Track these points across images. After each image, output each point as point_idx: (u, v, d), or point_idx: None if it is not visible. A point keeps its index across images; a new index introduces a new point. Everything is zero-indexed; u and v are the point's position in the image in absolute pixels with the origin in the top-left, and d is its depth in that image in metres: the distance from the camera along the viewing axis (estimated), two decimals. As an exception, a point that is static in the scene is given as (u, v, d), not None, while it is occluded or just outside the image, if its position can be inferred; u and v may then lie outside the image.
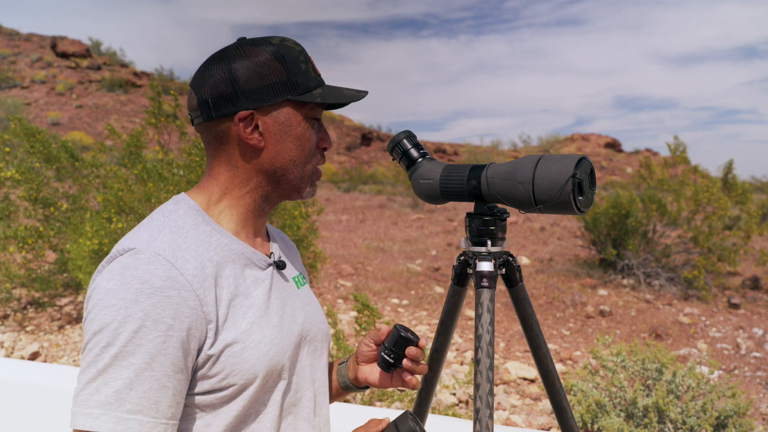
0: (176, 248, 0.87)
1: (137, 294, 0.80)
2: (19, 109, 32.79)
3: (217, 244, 0.92)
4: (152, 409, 0.80)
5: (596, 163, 42.11)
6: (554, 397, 1.22)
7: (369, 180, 29.28)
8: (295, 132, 0.94)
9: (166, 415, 0.82)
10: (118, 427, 0.77)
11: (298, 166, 0.96)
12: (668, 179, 8.72)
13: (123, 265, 0.83)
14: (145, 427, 0.79)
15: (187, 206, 0.95)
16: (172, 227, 0.90)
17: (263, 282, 0.97)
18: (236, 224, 0.97)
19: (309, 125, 0.96)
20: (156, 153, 6.14)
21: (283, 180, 0.97)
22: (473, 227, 1.07)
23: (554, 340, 5.82)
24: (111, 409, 0.78)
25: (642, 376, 3.37)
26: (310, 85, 0.94)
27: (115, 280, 0.81)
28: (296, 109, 0.94)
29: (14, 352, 4.86)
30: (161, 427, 0.81)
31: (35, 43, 50.02)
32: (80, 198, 5.82)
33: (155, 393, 0.80)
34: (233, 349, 0.87)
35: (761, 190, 24.78)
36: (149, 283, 0.81)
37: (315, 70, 0.97)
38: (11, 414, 2.28)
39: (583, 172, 0.95)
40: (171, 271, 0.83)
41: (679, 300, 7.39)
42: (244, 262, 0.95)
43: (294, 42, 0.97)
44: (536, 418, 3.96)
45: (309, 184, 1.00)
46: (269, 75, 0.91)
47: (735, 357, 5.61)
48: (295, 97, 0.92)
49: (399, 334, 1.05)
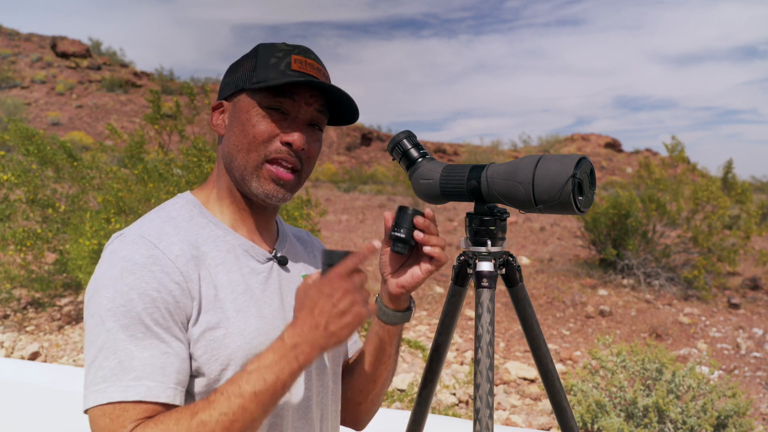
0: (162, 233, 0.90)
1: (122, 271, 0.83)
2: (19, 109, 32.79)
3: (209, 235, 0.95)
4: (158, 374, 0.81)
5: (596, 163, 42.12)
6: (554, 397, 1.22)
7: (369, 180, 29.30)
8: (242, 117, 0.95)
9: (173, 381, 0.82)
10: (126, 393, 0.78)
11: (241, 152, 0.95)
12: (666, 179, 8.72)
13: (110, 250, 0.88)
14: (153, 391, 0.79)
15: (185, 200, 0.99)
16: (164, 217, 0.94)
17: (259, 275, 0.97)
18: (232, 218, 1.00)
19: (264, 113, 0.94)
20: (156, 153, 6.14)
21: (231, 167, 0.97)
22: (473, 227, 1.07)
23: (554, 340, 5.82)
24: (116, 380, 0.79)
25: (642, 376, 3.37)
26: (269, 76, 0.93)
27: (104, 264, 0.87)
28: (250, 97, 0.95)
29: (14, 352, 4.86)
30: (170, 392, 0.81)
31: (35, 43, 50.02)
32: (79, 198, 5.82)
33: (158, 359, 0.81)
34: (215, 334, 0.88)
35: (761, 190, 24.79)
36: (132, 260, 0.84)
37: (292, 66, 0.94)
38: (11, 414, 2.27)
39: (583, 172, 0.95)
40: (153, 250, 0.86)
41: (679, 300, 7.39)
42: (238, 253, 0.96)
43: (292, 45, 0.97)
44: (536, 418, 3.96)
45: (254, 177, 0.95)
46: (239, 70, 0.98)
47: (735, 357, 5.61)
48: (247, 86, 0.95)
49: (403, 209, 0.98)
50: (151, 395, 0.79)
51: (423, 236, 0.97)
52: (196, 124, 7.42)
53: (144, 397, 0.79)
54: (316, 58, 0.99)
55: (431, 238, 0.97)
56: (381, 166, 38.84)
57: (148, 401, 0.79)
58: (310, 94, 0.96)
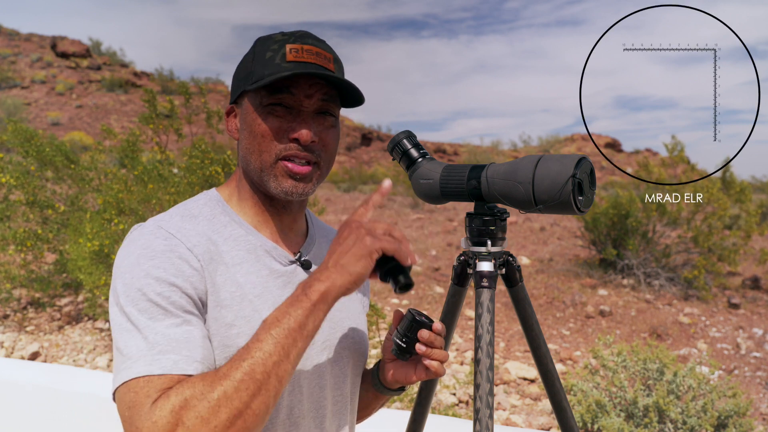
0: (181, 227, 0.90)
1: (139, 257, 0.84)
2: (19, 109, 32.77)
3: (230, 234, 0.94)
4: (184, 348, 0.79)
5: (596, 163, 42.02)
6: (554, 397, 1.22)
7: (369, 180, 29.27)
8: (248, 120, 0.94)
9: (199, 355, 0.80)
10: (151, 367, 0.76)
11: (254, 154, 0.93)
12: (666, 179, 8.71)
13: (130, 239, 0.89)
14: (180, 364, 0.77)
15: (208, 197, 0.98)
16: (185, 214, 0.93)
17: (279, 277, 0.96)
18: (255, 218, 0.98)
19: (266, 112, 0.91)
20: (153, 153, 6.14)
21: (248, 171, 0.96)
22: (473, 227, 1.07)
23: (554, 340, 5.82)
24: (141, 356, 0.77)
25: (642, 376, 3.37)
26: (264, 73, 0.90)
27: (123, 253, 0.87)
28: (251, 99, 0.94)
29: (14, 352, 4.86)
30: (197, 365, 0.79)
31: (35, 43, 50.00)
32: (78, 199, 5.82)
33: (182, 335, 0.79)
34: (230, 331, 0.87)
35: (761, 190, 24.77)
36: (150, 248, 0.84)
37: (286, 56, 0.90)
38: (11, 414, 2.27)
39: (583, 172, 0.95)
40: (171, 240, 0.86)
41: (679, 300, 7.39)
42: (259, 254, 0.95)
43: (289, 33, 0.94)
44: (536, 418, 3.96)
45: (272, 177, 0.92)
46: (241, 70, 0.96)
47: (735, 357, 5.61)
48: (247, 87, 0.93)
49: (411, 317, 0.98)
50: (177, 368, 0.77)
51: (425, 350, 0.97)
52: (194, 124, 7.42)
53: (170, 370, 0.76)
54: (315, 41, 0.94)
55: (433, 352, 0.97)
56: (381, 166, 38.82)
57: (175, 374, 0.76)
58: (308, 85, 0.91)
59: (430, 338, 0.96)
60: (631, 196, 8.18)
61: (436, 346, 0.97)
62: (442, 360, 0.98)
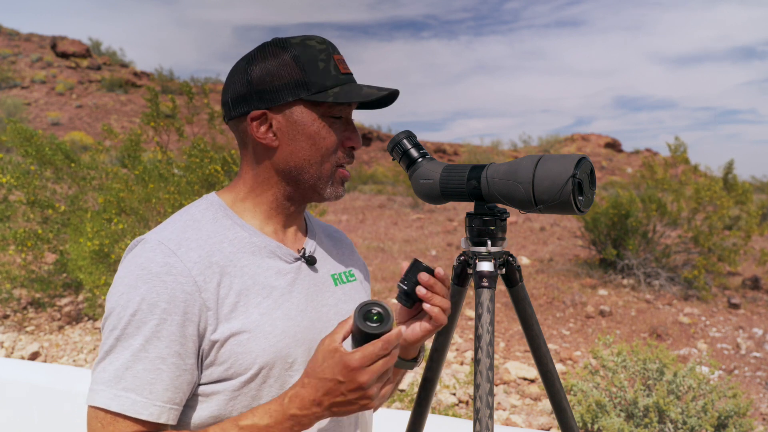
0: (183, 238, 0.90)
1: (137, 279, 0.85)
2: (19, 109, 32.78)
3: (234, 237, 0.94)
4: (146, 390, 0.82)
5: (596, 163, 42.14)
6: (554, 397, 1.22)
7: (369, 180, 29.23)
8: (309, 131, 0.94)
9: (162, 398, 0.83)
10: (112, 402, 0.81)
11: (314, 165, 0.96)
12: (669, 179, 8.72)
13: (132, 254, 0.90)
14: (137, 405, 0.82)
15: (209, 202, 0.99)
16: (187, 219, 0.94)
17: (286, 275, 0.97)
18: (261, 220, 0.99)
19: (327, 124, 0.95)
20: (155, 153, 6.14)
21: (300, 180, 0.97)
22: (473, 227, 1.07)
23: (554, 340, 5.82)
24: (110, 386, 0.82)
25: (642, 376, 3.37)
26: (326, 84, 0.93)
27: (123, 268, 0.89)
28: (310, 108, 0.94)
29: (14, 352, 4.86)
30: (155, 409, 0.83)
31: (35, 43, 49.99)
32: (78, 199, 5.82)
33: (149, 374, 0.83)
34: (240, 338, 0.88)
35: (761, 190, 24.73)
36: (148, 269, 0.85)
37: (339, 68, 0.95)
38: (11, 414, 2.28)
39: (583, 172, 0.95)
40: (170, 257, 0.87)
41: (679, 300, 7.39)
42: (265, 254, 0.96)
43: (319, 40, 0.96)
44: (536, 418, 3.96)
45: (329, 184, 0.98)
46: (283, 75, 0.93)
47: (735, 357, 5.61)
48: (307, 97, 0.92)
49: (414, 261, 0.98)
50: (133, 410, 0.82)
51: (425, 293, 0.96)
52: (195, 124, 7.42)
53: (126, 410, 0.81)
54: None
55: (434, 297, 0.96)
56: (381, 166, 38.80)
57: (130, 416, 0.82)
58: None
59: (430, 281, 0.95)
60: (631, 196, 8.18)
61: (437, 292, 0.96)
62: (443, 307, 0.97)
